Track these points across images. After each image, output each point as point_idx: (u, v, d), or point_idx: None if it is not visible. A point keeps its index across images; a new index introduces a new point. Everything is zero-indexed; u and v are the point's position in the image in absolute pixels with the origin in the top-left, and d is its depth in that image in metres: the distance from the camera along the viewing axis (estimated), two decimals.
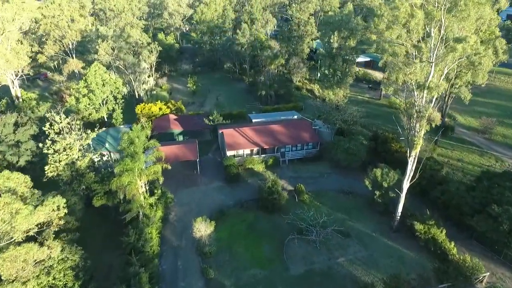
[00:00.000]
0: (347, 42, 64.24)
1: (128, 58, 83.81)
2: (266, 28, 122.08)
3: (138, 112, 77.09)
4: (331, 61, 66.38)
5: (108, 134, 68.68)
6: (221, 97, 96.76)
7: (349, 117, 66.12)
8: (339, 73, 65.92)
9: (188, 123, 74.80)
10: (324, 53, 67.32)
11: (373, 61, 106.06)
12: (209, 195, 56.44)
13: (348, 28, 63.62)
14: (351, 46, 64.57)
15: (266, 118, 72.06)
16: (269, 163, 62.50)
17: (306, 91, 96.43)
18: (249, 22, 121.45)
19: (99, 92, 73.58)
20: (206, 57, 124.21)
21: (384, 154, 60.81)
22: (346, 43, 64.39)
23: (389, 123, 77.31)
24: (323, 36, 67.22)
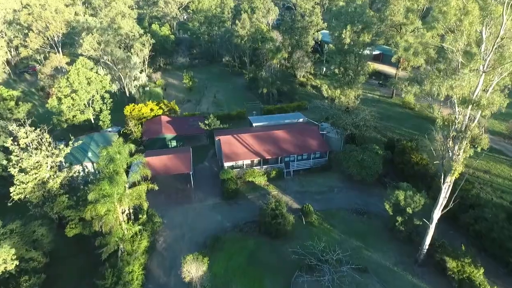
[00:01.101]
0: (361, 37, 55.56)
1: (117, 52, 75.21)
2: (268, 18, 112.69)
3: (127, 114, 68.87)
4: (342, 58, 57.80)
5: (92, 140, 60.66)
6: (219, 95, 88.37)
7: (361, 122, 57.97)
8: (351, 72, 57.41)
9: (182, 127, 66.66)
10: (334, 50, 58.68)
11: (383, 54, 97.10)
12: (203, 215, 48.74)
13: (362, 21, 54.89)
14: (366, 42, 55.93)
15: (268, 121, 63.85)
16: (272, 175, 54.63)
17: (311, 87, 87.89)
18: (249, 11, 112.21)
19: (83, 92, 65.31)
20: (204, 49, 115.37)
21: (402, 166, 52.85)
22: (359, 38, 55.71)
23: (403, 125, 69.23)
24: (332, 30, 58.45)
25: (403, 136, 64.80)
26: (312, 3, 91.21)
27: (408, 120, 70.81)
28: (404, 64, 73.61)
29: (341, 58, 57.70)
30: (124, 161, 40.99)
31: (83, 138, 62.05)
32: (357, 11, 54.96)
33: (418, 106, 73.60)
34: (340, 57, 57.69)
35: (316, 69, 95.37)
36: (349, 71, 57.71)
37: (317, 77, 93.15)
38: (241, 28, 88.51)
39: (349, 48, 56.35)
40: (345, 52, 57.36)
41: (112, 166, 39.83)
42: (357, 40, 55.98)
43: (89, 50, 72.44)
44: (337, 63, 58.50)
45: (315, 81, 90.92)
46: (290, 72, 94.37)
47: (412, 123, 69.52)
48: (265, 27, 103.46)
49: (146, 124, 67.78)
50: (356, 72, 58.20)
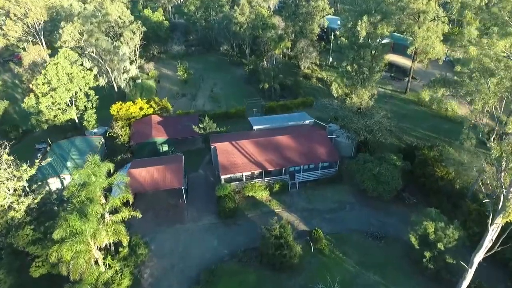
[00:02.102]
0: (378, 29, 47.54)
1: (103, 43, 66.92)
2: (269, 1, 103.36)
3: (114, 113, 61.38)
4: (355, 54, 49.90)
5: (72, 146, 53.52)
6: (216, 88, 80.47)
7: (375, 126, 50.65)
8: (365, 69, 49.58)
9: (175, 129, 59.29)
10: (347, 44, 50.55)
11: (394, 43, 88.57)
12: (197, 239, 42.03)
13: (380, 10, 46.76)
14: (384, 35, 48.00)
15: (270, 123, 56.40)
16: (275, 189, 47.67)
17: (316, 80, 79.88)
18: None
19: (63, 90, 57.62)
20: (201, 35, 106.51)
21: (423, 179, 45.81)
22: (376, 31, 47.71)
23: (419, 126, 61.85)
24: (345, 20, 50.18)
25: (421, 139, 57.58)
26: None
27: (424, 120, 63.35)
28: (421, 56, 65.50)
29: (354, 54, 49.78)
30: (100, 184, 34.02)
31: (63, 143, 55.11)
32: None
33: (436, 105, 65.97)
34: (354, 52, 49.75)
35: (322, 60, 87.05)
36: (363, 69, 49.85)
37: (323, 68, 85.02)
38: (240, 14, 79.82)
39: (364, 42, 48.35)
40: (360, 47, 49.43)
41: (85, 192, 32.88)
42: (374, 32, 47.97)
43: (69, 42, 64.23)
44: (350, 59, 50.58)
45: (321, 73, 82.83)
46: (294, 62, 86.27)
47: (429, 124, 62.09)
48: (266, 12, 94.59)
49: (134, 126, 60.42)
50: (371, 70, 50.36)
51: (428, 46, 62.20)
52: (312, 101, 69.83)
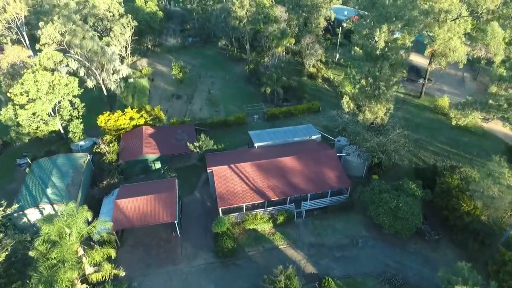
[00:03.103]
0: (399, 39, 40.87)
1: (88, 44, 59.92)
2: None
3: (102, 125, 55.33)
4: (371, 66, 43.34)
5: (54, 167, 47.77)
6: (214, 88, 73.94)
7: (391, 146, 44.81)
8: (382, 83, 43.12)
9: (168, 142, 53.42)
10: (361, 54, 43.78)
11: None
12: (191, 285, 36.94)
13: (403, 17, 39.88)
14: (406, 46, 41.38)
15: (273, 139, 50.32)
16: (279, 220, 42.23)
17: (322, 80, 73.19)
18: None
19: (42, 102, 51.39)
20: (198, 26, 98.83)
21: (446, 213, 40.28)
22: (397, 40, 41.04)
23: (436, 139, 55.92)
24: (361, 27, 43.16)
25: (439, 155, 51.85)
26: None
27: (442, 131, 57.25)
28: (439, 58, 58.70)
29: (370, 66, 43.19)
30: (76, 239, 28.58)
31: (44, 162, 49.33)
32: (397, 3, 39.61)
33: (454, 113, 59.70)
34: (370, 64, 43.14)
35: (328, 56, 79.87)
36: (380, 83, 43.36)
37: (329, 66, 78.08)
38: (239, 8, 72.24)
39: (383, 53, 41.68)
40: (377, 58, 42.81)
41: (56, 252, 27.49)
42: (394, 42, 41.27)
43: (50, 44, 57.28)
44: (363, 72, 44.00)
45: (327, 71, 76.02)
46: (298, 60, 79.26)
47: (448, 136, 56.07)
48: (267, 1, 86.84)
49: (124, 139, 54.54)
50: (388, 83, 43.92)
51: (449, 48, 55.48)
52: (318, 106, 63.59)
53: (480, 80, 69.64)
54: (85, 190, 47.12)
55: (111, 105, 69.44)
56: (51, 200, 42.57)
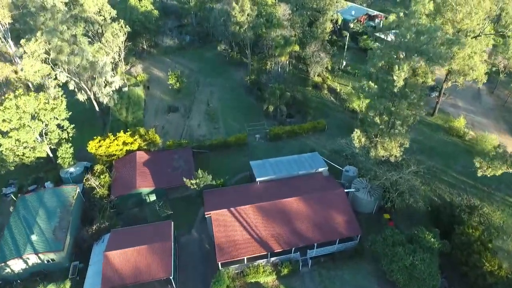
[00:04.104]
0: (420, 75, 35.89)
1: (76, 60, 54.72)
2: None
3: (93, 151, 50.94)
4: (387, 104, 38.40)
5: (40, 204, 43.87)
6: (213, 98, 69.13)
7: (405, 185, 40.68)
8: (398, 122, 38.39)
9: (164, 172, 49.22)
10: (376, 91, 38.70)
11: None
12: None
13: (426, 52, 34.61)
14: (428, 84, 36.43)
15: (276, 172, 46.14)
16: (283, 272, 38.57)
17: (328, 92, 68.09)
18: None
19: (25, 131, 46.88)
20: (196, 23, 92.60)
21: (466, 268, 36.50)
22: (418, 78, 36.06)
23: (451, 166, 51.83)
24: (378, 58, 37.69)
25: (454, 188, 47.78)
26: None
27: (457, 157, 52.85)
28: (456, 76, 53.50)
29: (386, 104, 38.27)
30: None
31: (29, 198, 45.32)
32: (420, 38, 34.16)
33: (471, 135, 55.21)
34: (385, 100, 38.20)
35: (334, 62, 74.14)
36: (396, 122, 38.61)
37: (335, 74, 72.64)
38: (239, 13, 66.21)
39: (401, 92, 36.72)
40: (393, 95, 37.91)
41: None
42: (414, 80, 36.25)
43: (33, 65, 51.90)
44: (378, 109, 39.12)
45: (333, 81, 70.80)
46: (302, 68, 73.77)
47: (464, 163, 51.60)
48: None
49: (116, 166, 50.34)
50: (404, 119, 39.18)
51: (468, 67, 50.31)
52: (323, 125, 58.93)
53: (497, 94, 64.53)
54: (75, 231, 43.29)
55: (104, 119, 64.84)
56: (36, 249, 38.82)
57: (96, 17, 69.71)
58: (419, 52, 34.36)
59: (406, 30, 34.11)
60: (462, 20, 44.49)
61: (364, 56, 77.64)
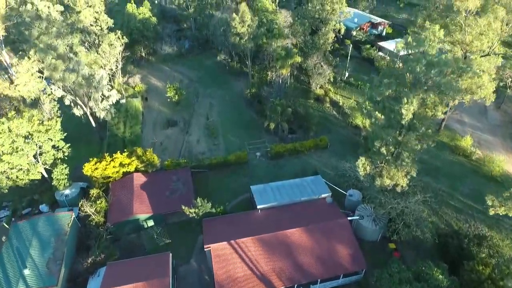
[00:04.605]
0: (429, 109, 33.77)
1: (71, 77, 52.46)
2: None
3: (88, 174, 48.95)
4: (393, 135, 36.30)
5: (34, 233, 42.05)
6: (213, 113, 66.97)
7: (411, 216, 38.85)
8: (405, 155, 36.39)
9: (162, 196, 47.31)
10: (383, 123, 36.45)
11: None
12: None
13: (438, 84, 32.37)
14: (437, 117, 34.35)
15: (278, 200, 44.23)
16: None
17: (330, 105, 65.91)
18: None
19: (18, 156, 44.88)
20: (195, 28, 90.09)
21: None
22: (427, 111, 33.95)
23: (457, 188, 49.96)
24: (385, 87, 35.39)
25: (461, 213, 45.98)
26: None
27: (464, 179, 50.89)
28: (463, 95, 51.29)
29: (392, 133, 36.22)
30: None
31: (23, 226, 43.45)
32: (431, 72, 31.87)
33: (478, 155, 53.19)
34: (392, 131, 36.14)
35: (336, 72, 71.66)
36: (403, 154, 36.57)
37: (338, 85, 70.36)
38: (239, 23, 63.75)
39: (409, 125, 34.62)
40: (401, 126, 35.81)
41: None
42: (423, 111, 34.16)
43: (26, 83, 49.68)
44: (385, 140, 37.03)
45: (335, 93, 68.61)
46: (303, 79, 71.50)
47: (471, 185, 49.79)
48: (270, 5, 78.11)
49: (113, 189, 48.46)
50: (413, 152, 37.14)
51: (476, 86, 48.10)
52: (326, 142, 56.88)
53: (504, 109, 62.38)
54: (69, 262, 41.47)
55: (101, 134, 62.77)
56: (28, 285, 37.04)
57: (93, 27, 67.25)
58: (428, 85, 32.18)
59: (415, 62, 31.87)
60: (472, 42, 42.23)
61: (367, 66, 75.71)
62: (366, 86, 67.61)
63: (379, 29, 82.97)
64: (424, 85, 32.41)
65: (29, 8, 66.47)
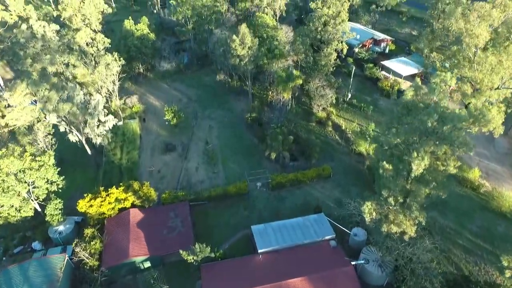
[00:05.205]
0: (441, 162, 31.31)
1: (65, 108, 49.97)
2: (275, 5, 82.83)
3: (83, 210, 46.59)
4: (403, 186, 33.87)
5: (24, 279, 39.75)
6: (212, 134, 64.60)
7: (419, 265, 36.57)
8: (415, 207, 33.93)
9: (159, 235, 44.98)
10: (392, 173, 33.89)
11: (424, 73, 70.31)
12: None
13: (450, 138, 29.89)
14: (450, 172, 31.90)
15: (280, 243, 41.90)
16: None
17: (332, 129, 63.35)
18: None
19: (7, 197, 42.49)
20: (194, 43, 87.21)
21: None
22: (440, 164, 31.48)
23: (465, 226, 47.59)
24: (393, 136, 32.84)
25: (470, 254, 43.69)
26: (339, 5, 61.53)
27: (472, 214, 48.50)
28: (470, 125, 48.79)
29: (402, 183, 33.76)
30: None
31: (13, 271, 41.16)
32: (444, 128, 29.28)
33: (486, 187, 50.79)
34: (402, 181, 33.67)
35: (338, 92, 68.92)
36: (412, 204, 34.13)
37: (340, 107, 67.70)
38: (239, 45, 61.00)
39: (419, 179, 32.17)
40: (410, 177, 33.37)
41: None
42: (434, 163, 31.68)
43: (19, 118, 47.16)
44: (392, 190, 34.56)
45: (337, 115, 66.07)
46: (305, 100, 68.88)
47: (480, 222, 47.42)
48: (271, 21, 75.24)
49: (108, 227, 46.19)
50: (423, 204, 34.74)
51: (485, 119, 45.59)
52: (329, 172, 54.44)
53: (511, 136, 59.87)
54: None
55: (97, 160, 60.31)
56: None
57: (89, 48, 64.52)
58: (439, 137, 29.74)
59: (426, 116, 29.36)
60: (482, 81, 39.71)
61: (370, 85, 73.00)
62: (369, 109, 65.83)
63: (382, 46, 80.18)
64: (436, 139, 29.95)
65: (23, 29, 63.99)
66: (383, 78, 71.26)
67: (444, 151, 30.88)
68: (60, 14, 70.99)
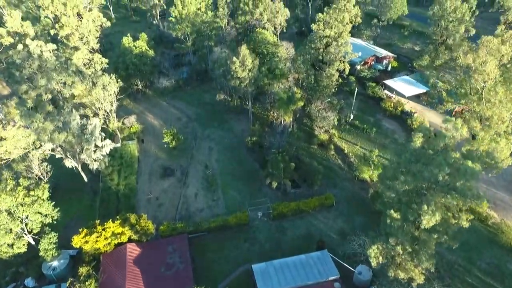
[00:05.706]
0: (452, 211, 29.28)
1: (60, 137, 47.80)
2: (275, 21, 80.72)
3: (78, 246, 44.49)
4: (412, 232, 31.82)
5: None
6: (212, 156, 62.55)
7: None
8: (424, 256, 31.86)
9: (156, 272, 42.87)
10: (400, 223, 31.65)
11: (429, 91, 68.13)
12: None
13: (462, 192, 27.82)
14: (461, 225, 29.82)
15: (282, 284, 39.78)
16: None
17: (335, 153, 61.25)
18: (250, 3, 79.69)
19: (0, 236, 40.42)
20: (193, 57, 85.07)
21: None
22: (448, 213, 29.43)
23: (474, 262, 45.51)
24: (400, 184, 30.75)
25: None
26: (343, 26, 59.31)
27: (481, 249, 46.38)
28: None
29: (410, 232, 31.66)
30: None
31: None
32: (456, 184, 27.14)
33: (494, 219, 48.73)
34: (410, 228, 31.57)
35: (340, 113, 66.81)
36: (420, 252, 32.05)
37: (342, 128, 65.56)
38: (239, 67, 58.83)
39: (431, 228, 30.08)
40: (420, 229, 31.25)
41: None
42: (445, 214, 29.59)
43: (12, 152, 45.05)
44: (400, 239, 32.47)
45: (339, 137, 63.91)
46: (306, 122, 66.74)
47: (488, 258, 45.26)
48: (271, 37, 73.22)
49: (104, 265, 43.94)
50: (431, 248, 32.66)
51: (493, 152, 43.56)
52: (332, 200, 52.34)
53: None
54: None
55: (94, 186, 58.16)
56: None
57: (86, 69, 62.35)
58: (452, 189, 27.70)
59: (436, 168, 27.29)
60: (492, 117, 37.65)
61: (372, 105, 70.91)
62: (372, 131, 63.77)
63: (384, 63, 78.01)
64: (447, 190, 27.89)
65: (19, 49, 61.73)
66: (386, 98, 69.14)
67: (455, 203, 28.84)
68: (58, 32, 68.65)
